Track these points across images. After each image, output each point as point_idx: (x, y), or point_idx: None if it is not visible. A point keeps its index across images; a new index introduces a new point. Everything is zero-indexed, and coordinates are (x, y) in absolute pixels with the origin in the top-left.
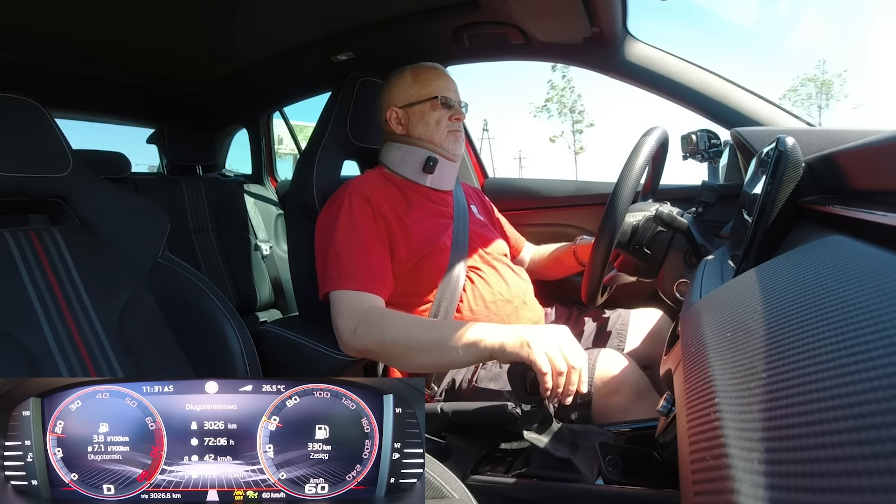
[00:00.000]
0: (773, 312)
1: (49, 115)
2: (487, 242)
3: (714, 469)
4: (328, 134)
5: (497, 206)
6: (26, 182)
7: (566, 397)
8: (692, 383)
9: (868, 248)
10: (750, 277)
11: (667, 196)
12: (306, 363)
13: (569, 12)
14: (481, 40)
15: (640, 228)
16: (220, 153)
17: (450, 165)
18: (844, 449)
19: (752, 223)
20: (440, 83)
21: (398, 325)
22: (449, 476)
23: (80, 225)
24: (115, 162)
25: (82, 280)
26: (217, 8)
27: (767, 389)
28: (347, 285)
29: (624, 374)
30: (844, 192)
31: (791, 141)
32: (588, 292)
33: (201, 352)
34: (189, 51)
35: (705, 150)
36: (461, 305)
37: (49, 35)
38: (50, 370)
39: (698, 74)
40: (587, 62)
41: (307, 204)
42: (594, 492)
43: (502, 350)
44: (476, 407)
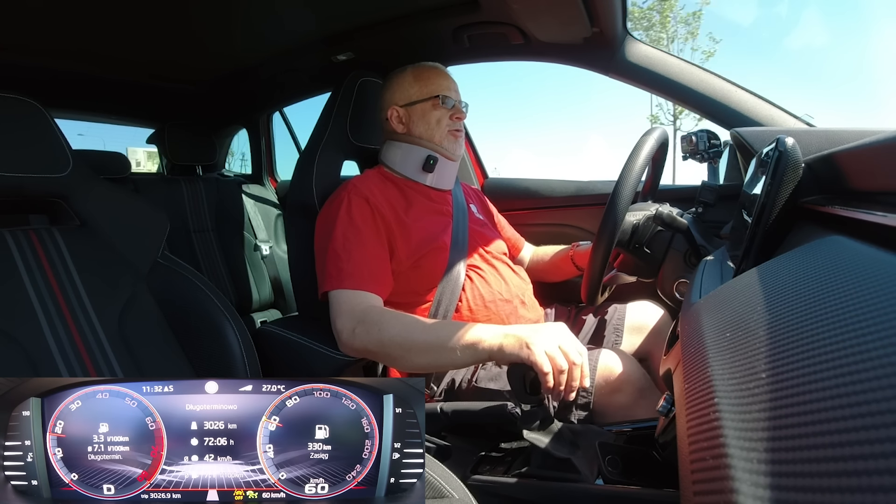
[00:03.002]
0: (772, 313)
1: (49, 115)
2: (487, 242)
3: (714, 469)
4: (328, 134)
5: (497, 206)
6: (26, 182)
7: (569, 393)
8: (692, 383)
9: (868, 248)
10: (750, 277)
11: (667, 196)
12: (306, 363)
13: (569, 12)
14: (481, 40)
15: (640, 228)
16: (220, 153)
17: (450, 165)
18: (844, 449)
19: (752, 223)
20: (441, 82)
21: (396, 325)
22: (449, 476)
23: (80, 225)
24: (115, 162)
25: (82, 280)
26: (217, 8)
27: (767, 389)
28: (346, 284)
29: (626, 373)
30: (844, 193)
31: (791, 141)
32: (588, 292)
33: (201, 352)
34: (189, 51)
35: (705, 150)
36: (461, 305)
37: (49, 35)
38: (50, 370)
39: (698, 74)
40: (587, 62)
41: (307, 204)
42: (594, 492)
43: (501, 351)
44: (476, 407)
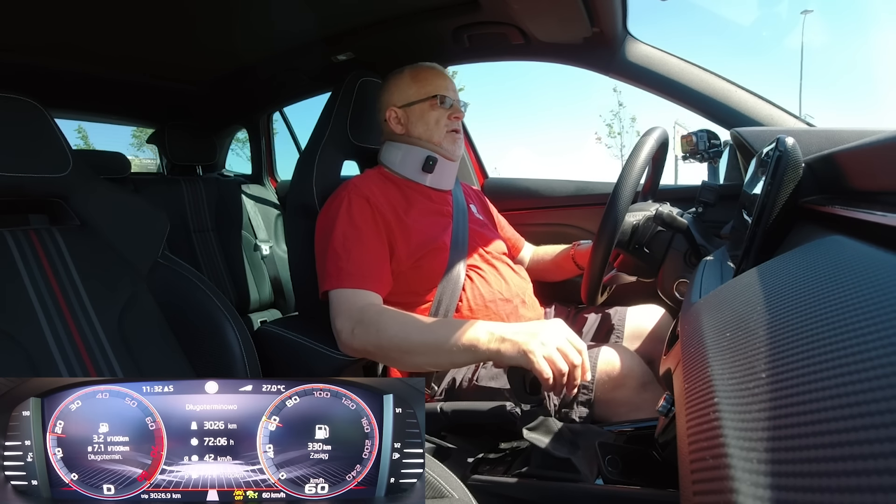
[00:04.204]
0: (772, 312)
1: (49, 115)
2: (487, 241)
3: (714, 469)
4: (328, 134)
5: (497, 206)
6: (26, 182)
7: (571, 391)
8: (692, 383)
9: (868, 248)
10: (750, 277)
11: (667, 196)
12: (306, 363)
13: (569, 12)
14: (481, 40)
15: (640, 228)
16: (220, 153)
17: (449, 165)
18: (844, 449)
19: (752, 223)
20: (439, 82)
21: (396, 325)
22: (449, 476)
23: (80, 225)
24: (115, 162)
25: (82, 280)
26: (217, 7)
27: (767, 389)
28: (346, 284)
29: (628, 367)
30: (844, 192)
31: (791, 141)
32: (588, 292)
33: (201, 352)
34: (189, 51)
35: (705, 150)
36: (461, 304)
37: (49, 35)
38: (50, 370)
39: (698, 74)
40: (587, 62)
41: (307, 204)
42: (594, 492)
43: (499, 357)
44: (476, 407)
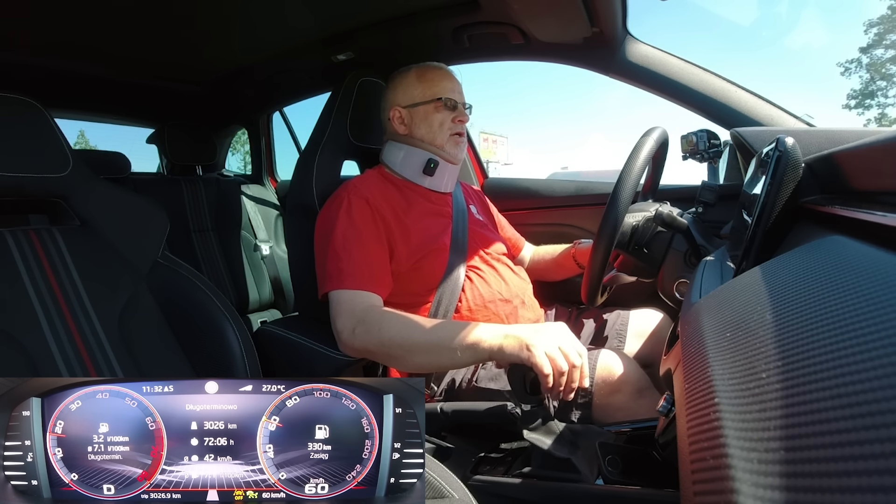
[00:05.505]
0: (773, 312)
1: (49, 115)
2: (487, 242)
3: (714, 469)
4: (328, 134)
5: (497, 206)
6: (26, 182)
7: (568, 394)
8: (692, 383)
9: (868, 248)
10: (750, 277)
11: (667, 196)
12: (306, 363)
13: (569, 12)
14: (481, 40)
15: (640, 228)
16: (220, 153)
17: (450, 168)
18: (844, 449)
19: (752, 223)
20: (445, 84)
21: (396, 325)
22: (449, 476)
23: (80, 225)
24: (115, 162)
25: (82, 280)
26: (217, 7)
27: (767, 390)
28: (346, 285)
29: (625, 373)
30: (844, 192)
31: (791, 141)
32: (588, 292)
33: (201, 352)
34: (189, 50)
35: (705, 150)
36: (460, 305)
37: (49, 35)
38: (50, 370)
39: (698, 74)
40: (587, 62)
41: (307, 204)
42: (594, 492)
43: (501, 352)
44: (476, 407)
